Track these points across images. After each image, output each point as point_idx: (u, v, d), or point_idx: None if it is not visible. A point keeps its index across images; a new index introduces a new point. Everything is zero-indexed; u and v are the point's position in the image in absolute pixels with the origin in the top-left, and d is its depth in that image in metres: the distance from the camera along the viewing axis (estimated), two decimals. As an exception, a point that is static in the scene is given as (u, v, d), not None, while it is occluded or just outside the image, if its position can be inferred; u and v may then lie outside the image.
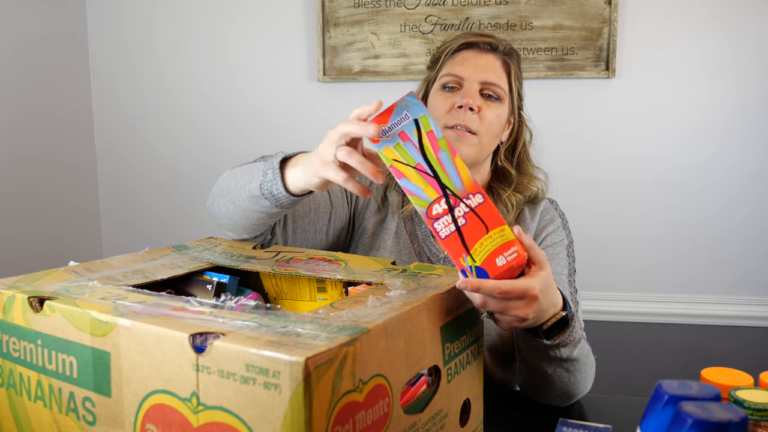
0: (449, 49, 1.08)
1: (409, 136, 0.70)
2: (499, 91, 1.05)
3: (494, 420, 0.81)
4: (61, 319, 0.61)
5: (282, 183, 0.81)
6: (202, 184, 2.14)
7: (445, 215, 0.68)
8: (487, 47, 1.07)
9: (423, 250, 1.10)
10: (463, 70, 1.05)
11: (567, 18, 1.84)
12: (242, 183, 0.86)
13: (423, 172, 0.69)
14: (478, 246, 0.67)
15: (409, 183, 0.69)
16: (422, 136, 0.70)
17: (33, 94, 1.91)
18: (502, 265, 0.66)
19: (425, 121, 0.70)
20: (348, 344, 0.50)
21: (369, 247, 1.11)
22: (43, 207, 1.95)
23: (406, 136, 0.70)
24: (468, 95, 1.02)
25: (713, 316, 1.89)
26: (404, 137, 0.70)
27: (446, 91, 1.06)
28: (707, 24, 1.81)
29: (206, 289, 0.82)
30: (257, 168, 0.86)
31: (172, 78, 2.11)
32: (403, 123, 0.70)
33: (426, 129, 0.70)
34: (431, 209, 0.68)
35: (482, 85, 1.04)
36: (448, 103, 1.04)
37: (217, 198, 0.92)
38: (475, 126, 1.02)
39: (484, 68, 1.05)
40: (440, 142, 0.69)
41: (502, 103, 1.06)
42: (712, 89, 1.83)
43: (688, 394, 0.50)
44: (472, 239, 0.67)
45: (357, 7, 1.94)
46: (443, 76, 1.07)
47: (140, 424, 0.56)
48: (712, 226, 1.87)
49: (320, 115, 2.03)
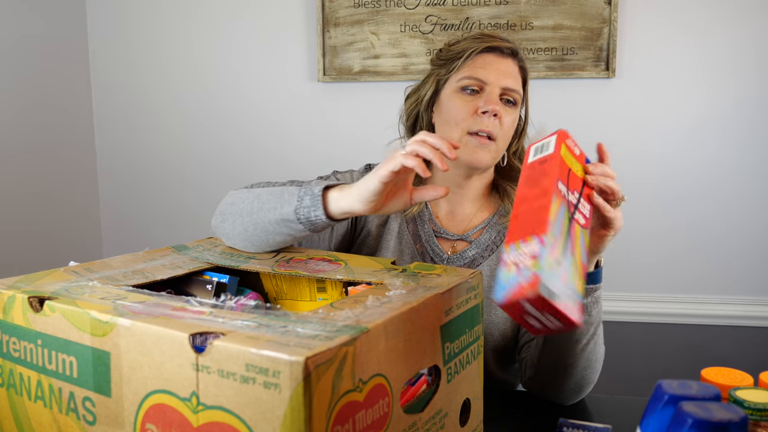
0: (471, 50, 1.06)
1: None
2: (516, 97, 1.06)
3: (494, 420, 0.81)
4: (61, 319, 0.61)
5: (323, 208, 0.81)
6: (203, 184, 2.14)
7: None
8: (508, 52, 1.07)
9: (426, 250, 1.10)
10: (487, 75, 1.04)
11: (567, 18, 1.84)
12: (270, 206, 0.85)
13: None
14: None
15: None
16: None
17: (33, 93, 1.91)
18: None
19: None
20: (348, 344, 0.50)
21: (373, 249, 1.12)
22: (43, 207, 1.95)
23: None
24: (492, 101, 1.02)
25: (713, 316, 1.89)
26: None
27: (466, 94, 1.05)
28: (707, 24, 1.81)
29: (206, 289, 0.82)
30: (289, 193, 0.85)
31: (173, 78, 2.11)
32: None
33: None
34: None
35: (503, 90, 1.04)
36: (470, 106, 1.04)
37: (230, 217, 0.90)
38: (495, 132, 1.03)
39: (505, 73, 1.05)
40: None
41: (517, 108, 1.08)
42: (712, 89, 1.83)
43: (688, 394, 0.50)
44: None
45: (357, 7, 1.94)
46: (464, 78, 1.05)
47: (140, 424, 0.56)
48: (711, 226, 1.87)
49: (320, 114, 2.03)
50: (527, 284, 0.57)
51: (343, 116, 2.02)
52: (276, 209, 0.84)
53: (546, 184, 0.65)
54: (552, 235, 0.61)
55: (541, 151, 0.71)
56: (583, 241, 0.69)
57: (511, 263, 0.60)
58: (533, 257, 0.59)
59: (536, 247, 0.59)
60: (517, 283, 0.58)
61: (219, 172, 2.12)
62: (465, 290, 0.70)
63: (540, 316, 0.58)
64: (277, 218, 0.84)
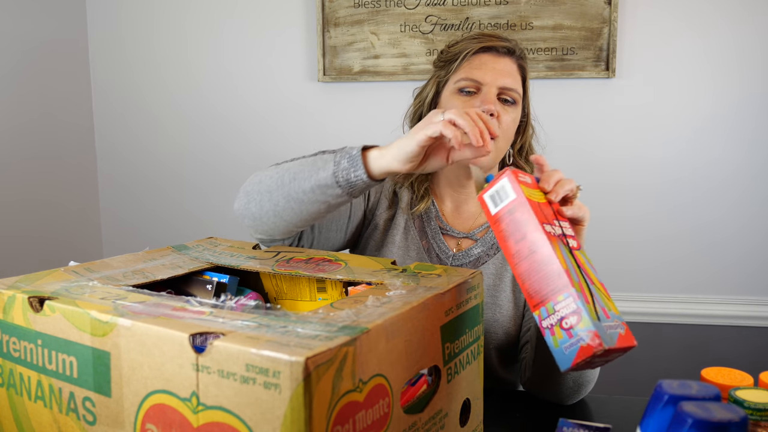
0: (467, 51, 1.07)
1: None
2: (515, 96, 1.06)
3: (494, 420, 0.81)
4: (61, 319, 0.61)
5: (364, 169, 0.82)
6: (203, 185, 2.14)
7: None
8: (504, 51, 1.07)
9: (432, 246, 1.11)
10: (483, 75, 1.04)
11: (567, 18, 1.84)
12: (304, 175, 0.86)
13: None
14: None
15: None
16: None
17: (33, 95, 1.91)
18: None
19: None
20: (348, 344, 0.50)
21: (380, 243, 1.12)
22: (43, 207, 1.95)
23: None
24: (488, 101, 1.02)
25: (713, 316, 1.89)
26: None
27: (464, 95, 1.05)
28: (707, 24, 1.81)
29: (206, 289, 0.82)
30: (323, 160, 0.86)
31: (173, 78, 2.11)
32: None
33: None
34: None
35: (500, 90, 1.04)
36: (468, 107, 1.04)
37: (257, 196, 0.90)
38: (494, 131, 1.03)
39: (502, 73, 1.05)
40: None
41: (517, 107, 1.07)
42: (713, 89, 1.83)
43: (688, 394, 0.50)
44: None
45: (357, 7, 1.94)
46: (461, 79, 1.06)
47: (140, 424, 0.56)
48: (712, 227, 1.87)
49: (320, 114, 2.03)
50: (589, 343, 0.60)
51: (343, 116, 2.02)
52: (312, 176, 0.85)
53: (536, 235, 0.66)
54: (576, 283, 0.63)
55: (501, 199, 0.69)
56: (587, 260, 0.71)
57: (557, 328, 0.63)
58: (577, 316, 0.61)
59: (572, 303, 0.62)
60: (577, 346, 0.61)
61: (219, 173, 2.12)
62: (465, 290, 0.70)
63: (606, 359, 0.62)
64: (313, 185, 0.84)
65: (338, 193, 0.84)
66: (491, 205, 0.69)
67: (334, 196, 0.85)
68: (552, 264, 0.63)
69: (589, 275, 0.67)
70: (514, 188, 0.68)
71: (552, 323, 0.63)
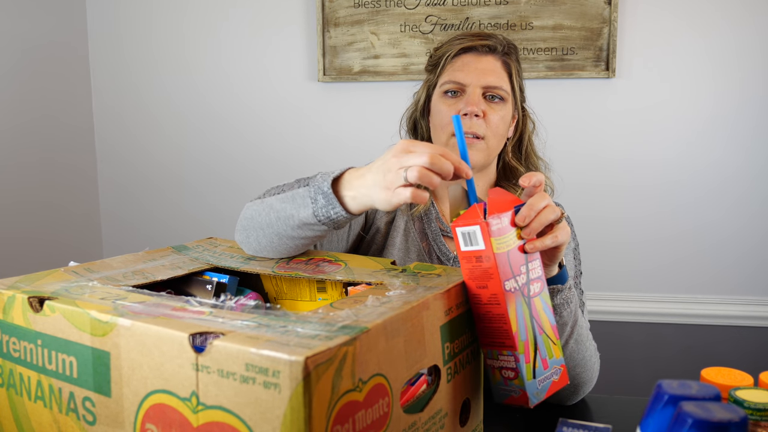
0: (448, 54, 1.07)
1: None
2: (502, 93, 1.05)
3: (494, 420, 0.81)
4: (61, 319, 0.61)
5: (341, 205, 0.78)
6: (203, 185, 2.14)
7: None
8: (485, 50, 1.06)
9: (432, 248, 1.11)
10: (464, 76, 1.04)
11: (567, 18, 1.84)
12: (286, 214, 0.83)
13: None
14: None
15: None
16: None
17: (33, 96, 1.91)
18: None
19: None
20: (347, 344, 0.50)
21: (381, 246, 1.12)
22: (43, 207, 1.95)
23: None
24: (472, 102, 1.02)
25: (713, 316, 1.89)
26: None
27: (449, 98, 1.06)
28: (707, 24, 1.81)
29: (206, 289, 0.82)
30: (300, 196, 0.83)
31: (173, 79, 2.11)
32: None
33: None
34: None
35: (485, 89, 1.04)
36: (453, 110, 1.04)
37: (252, 232, 0.88)
38: (482, 131, 1.03)
39: (484, 72, 1.04)
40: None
41: (506, 103, 1.06)
42: (713, 89, 1.83)
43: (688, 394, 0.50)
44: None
45: (357, 7, 1.94)
46: (445, 82, 1.06)
47: (140, 424, 0.56)
48: (712, 228, 1.87)
49: (320, 115, 2.03)
50: (519, 398, 0.70)
51: (343, 116, 2.02)
52: (294, 216, 0.82)
53: (496, 290, 0.68)
54: (521, 343, 0.69)
55: (471, 242, 0.68)
56: (545, 303, 0.74)
57: (496, 370, 0.71)
58: (514, 372, 0.69)
59: (513, 363, 0.69)
60: (509, 394, 0.71)
61: (220, 174, 2.12)
62: (465, 290, 0.70)
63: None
64: (299, 223, 0.82)
65: (323, 229, 0.82)
66: (461, 241, 0.69)
67: (321, 230, 0.82)
68: (503, 323, 0.69)
69: (542, 323, 0.73)
70: (484, 239, 0.67)
71: (494, 365, 0.71)
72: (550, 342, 0.74)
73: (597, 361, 0.99)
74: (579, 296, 1.06)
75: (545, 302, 0.74)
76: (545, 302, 0.74)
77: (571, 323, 0.91)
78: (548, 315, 0.75)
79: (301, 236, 0.83)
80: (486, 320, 0.70)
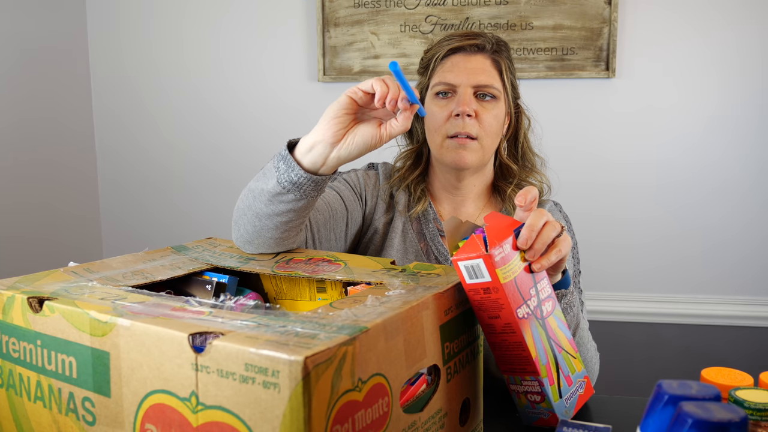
0: (437, 55, 1.07)
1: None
2: (494, 91, 1.05)
3: (494, 419, 0.81)
4: (60, 320, 0.61)
5: (298, 166, 0.80)
6: (203, 186, 2.14)
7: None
8: (474, 49, 1.06)
9: (431, 248, 1.11)
10: (454, 77, 1.04)
11: (567, 18, 1.84)
12: (258, 190, 0.84)
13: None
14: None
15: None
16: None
17: (33, 96, 1.91)
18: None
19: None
20: (347, 343, 0.50)
21: (380, 247, 1.12)
22: (43, 208, 1.95)
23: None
24: (463, 102, 1.02)
25: (713, 316, 1.89)
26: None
27: (440, 99, 1.06)
28: (708, 24, 1.81)
29: (206, 289, 0.82)
30: (268, 168, 0.84)
31: (172, 79, 2.11)
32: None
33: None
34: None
35: (476, 88, 1.04)
36: (445, 111, 1.04)
37: (239, 222, 0.88)
38: (474, 131, 1.03)
39: (474, 71, 1.04)
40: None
41: (498, 101, 1.06)
42: (714, 89, 1.83)
43: (688, 394, 0.50)
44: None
45: (357, 7, 1.94)
46: (436, 84, 1.06)
47: (140, 424, 0.56)
48: (712, 228, 1.87)
49: (320, 115, 2.03)
50: (549, 419, 0.71)
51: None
52: (264, 190, 0.83)
53: (509, 319, 0.68)
54: (543, 366, 0.70)
55: (476, 275, 0.67)
56: (559, 320, 0.74)
57: (521, 395, 0.71)
58: (540, 396, 0.70)
59: (537, 387, 0.69)
60: (538, 416, 0.72)
61: (219, 175, 2.11)
62: (465, 290, 0.70)
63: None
64: (269, 197, 0.82)
65: (293, 197, 0.81)
66: (465, 275, 0.68)
67: (291, 200, 0.82)
68: (521, 350, 0.69)
69: (560, 341, 0.73)
70: (489, 271, 0.66)
71: (518, 390, 0.71)
72: (570, 357, 0.73)
73: (597, 361, 1.00)
74: (578, 295, 1.06)
75: (559, 319, 0.74)
76: (559, 319, 0.74)
77: (573, 327, 0.92)
78: (564, 331, 0.74)
79: (275, 212, 0.83)
80: (503, 348, 0.69)
